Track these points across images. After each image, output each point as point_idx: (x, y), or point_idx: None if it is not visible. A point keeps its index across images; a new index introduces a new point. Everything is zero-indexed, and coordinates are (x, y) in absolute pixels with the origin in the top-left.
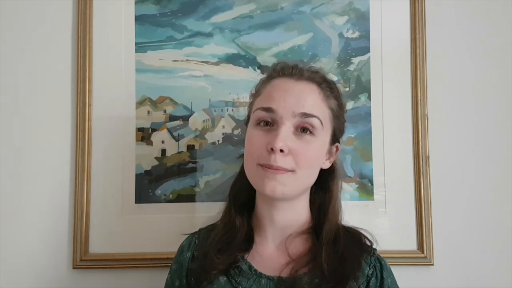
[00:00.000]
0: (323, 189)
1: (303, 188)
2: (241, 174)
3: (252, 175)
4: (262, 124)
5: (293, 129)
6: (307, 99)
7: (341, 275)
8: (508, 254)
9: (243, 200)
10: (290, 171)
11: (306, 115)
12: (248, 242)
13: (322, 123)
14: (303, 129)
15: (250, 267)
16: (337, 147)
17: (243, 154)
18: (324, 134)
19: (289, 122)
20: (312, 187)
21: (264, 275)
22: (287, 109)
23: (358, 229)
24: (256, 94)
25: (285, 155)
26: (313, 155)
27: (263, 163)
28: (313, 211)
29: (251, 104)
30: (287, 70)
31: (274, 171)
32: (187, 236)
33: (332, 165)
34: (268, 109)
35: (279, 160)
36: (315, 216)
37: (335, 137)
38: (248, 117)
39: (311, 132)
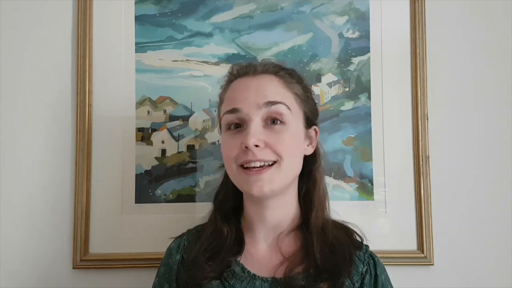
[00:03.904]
0: (307, 176)
1: (289, 180)
2: (224, 183)
3: (236, 179)
4: (232, 127)
5: (262, 123)
6: (268, 88)
7: (334, 265)
8: (508, 254)
9: (229, 207)
10: (274, 164)
11: (270, 103)
12: (238, 244)
13: (289, 108)
14: (272, 121)
15: (243, 268)
16: (315, 130)
17: (223, 164)
18: (295, 119)
19: (257, 117)
20: (298, 179)
21: (258, 276)
22: (251, 103)
23: (347, 224)
24: (220, 102)
25: (262, 149)
26: (289, 142)
27: (242, 162)
28: (301, 203)
29: (218, 113)
30: (241, 70)
31: (257, 171)
32: (175, 238)
33: (315, 150)
34: (233, 110)
35: (258, 154)
36: (303, 208)
37: (310, 121)
38: (220, 127)
39: (281, 121)
